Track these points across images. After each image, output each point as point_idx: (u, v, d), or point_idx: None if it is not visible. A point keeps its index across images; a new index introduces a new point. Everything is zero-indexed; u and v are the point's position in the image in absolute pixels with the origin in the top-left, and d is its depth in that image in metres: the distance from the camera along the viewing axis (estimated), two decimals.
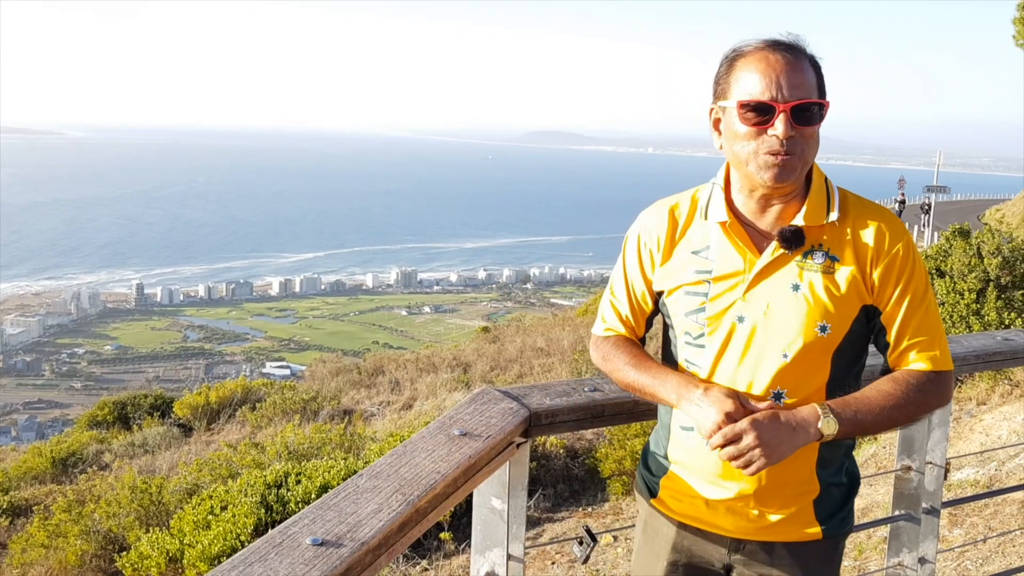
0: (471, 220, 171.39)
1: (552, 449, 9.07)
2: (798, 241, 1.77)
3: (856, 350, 1.83)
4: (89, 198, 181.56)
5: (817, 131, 1.75)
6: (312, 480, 7.22)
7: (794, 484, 1.83)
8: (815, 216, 1.78)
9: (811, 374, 1.77)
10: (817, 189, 1.80)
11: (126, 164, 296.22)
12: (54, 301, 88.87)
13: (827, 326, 1.75)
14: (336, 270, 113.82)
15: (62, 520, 8.32)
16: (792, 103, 1.69)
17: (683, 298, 1.85)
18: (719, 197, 1.83)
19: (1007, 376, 8.60)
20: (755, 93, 1.70)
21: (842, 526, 1.90)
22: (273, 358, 71.02)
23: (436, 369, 17.95)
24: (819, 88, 1.75)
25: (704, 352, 1.82)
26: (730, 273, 1.80)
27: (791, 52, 1.73)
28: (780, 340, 1.76)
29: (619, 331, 1.99)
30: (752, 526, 1.86)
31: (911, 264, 1.78)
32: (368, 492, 1.54)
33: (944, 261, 10.11)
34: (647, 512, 2.03)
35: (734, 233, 1.81)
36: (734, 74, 1.75)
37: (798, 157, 1.72)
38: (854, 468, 1.94)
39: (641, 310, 1.96)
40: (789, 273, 1.77)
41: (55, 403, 59.57)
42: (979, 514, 5.32)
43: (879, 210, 1.83)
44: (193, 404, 15.18)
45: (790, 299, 1.76)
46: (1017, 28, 28.98)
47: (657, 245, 1.90)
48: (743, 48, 1.76)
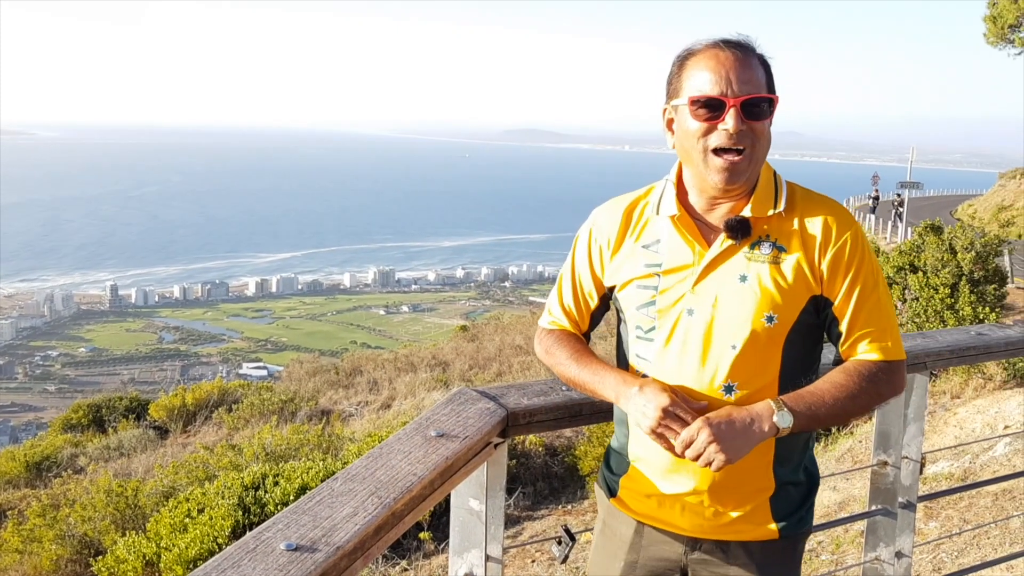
0: (449, 219, 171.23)
1: (531, 447, 9.07)
2: (744, 231, 1.78)
3: (808, 342, 1.83)
4: (62, 199, 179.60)
5: (767, 127, 1.77)
6: (290, 481, 7.18)
7: (750, 482, 1.83)
8: (762, 208, 1.79)
9: (761, 366, 1.77)
10: (765, 182, 1.82)
11: (99, 164, 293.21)
12: (27, 303, 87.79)
13: (774, 316, 1.75)
14: (314, 270, 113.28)
15: (36, 525, 8.22)
16: (742, 98, 1.71)
17: (634, 292, 1.86)
18: (671, 193, 1.85)
19: (980, 370, 8.70)
20: (705, 89, 1.73)
21: (800, 525, 1.89)
22: (250, 359, 70.55)
23: (415, 368, 17.92)
24: (768, 85, 1.77)
25: (653, 345, 1.83)
26: (680, 266, 1.81)
27: (740, 49, 1.76)
28: (728, 332, 1.76)
29: (563, 325, 2.00)
30: (708, 524, 1.86)
31: (859, 254, 1.79)
32: (343, 496, 1.52)
33: (918, 256, 10.20)
34: (606, 511, 2.03)
35: (683, 226, 1.82)
36: (685, 73, 1.78)
37: (747, 157, 1.74)
38: (813, 467, 1.94)
39: (587, 305, 1.97)
40: (737, 265, 1.78)
41: (28, 406, 58.82)
42: (954, 507, 5.37)
43: (826, 202, 1.84)
44: (169, 406, 15.05)
45: (738, 290, 1.77)
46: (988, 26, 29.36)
47: (608, 241, 1.91)
48: (694, 48, 1.79)
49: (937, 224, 10.73)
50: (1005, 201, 37.31)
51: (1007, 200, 37.29)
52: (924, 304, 9.58)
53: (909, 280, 9.75)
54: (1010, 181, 40.23)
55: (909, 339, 2.78)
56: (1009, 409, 7.35)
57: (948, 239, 10.04)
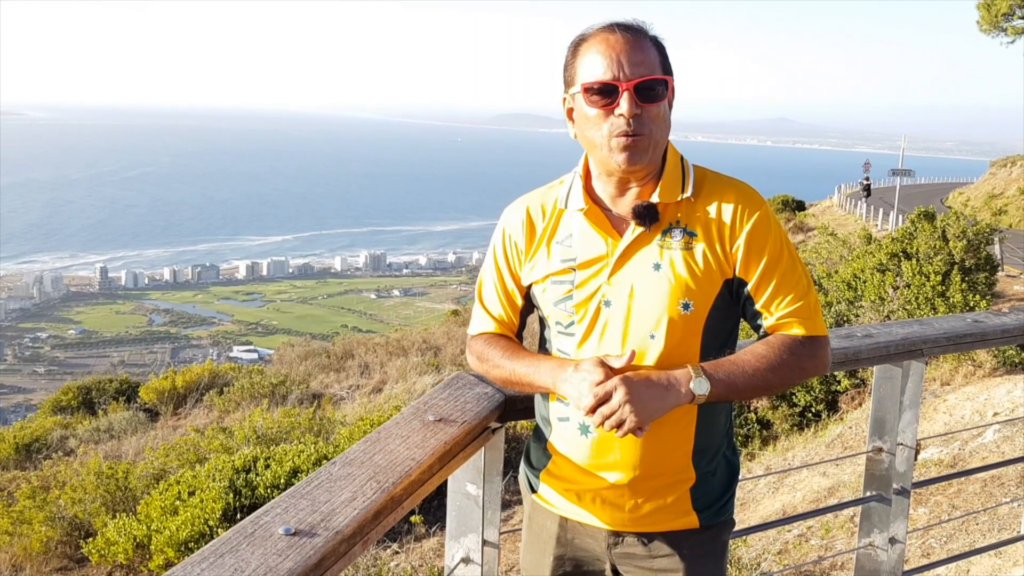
0: (441, 203, 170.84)
1: (523, 432, 9.08)
2: (652, 217, 1.77)
3: (726, 328, 1.83)
4: (53, 181, 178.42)
5: (664, 110, 1.75)
6: (281, 465, 7.17)
7: (669, 473, 1.82)
8: (669, 194, 1.78)
9: (681, 353, 1.75)
10: (672, 167, 1.81)
11: (87, 144, 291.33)
12: (16, 285, 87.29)
13: (689, 303, 1.75)
14: (304, 253, 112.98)
15: (26, 507, 8.19)
16: (635, 81, 1.69)
17: (551, 287, 1.85)
18: (578, 186, 1.84)
19: (970, 357, 8.74)
20: (598, 75, 1.71)
21: (720, 515, 1.89)
22: (240, 342, 70.35)
23: (406, 353, 17.90)
24: (664, 67, 1.75)
25: (574, 339, 1.82)
26: (594, 259, 1.80)
27: (631, 32, 1.73)
28: (646, 321, 1.75)
29: (492, 330, 1.97)
30: (628, 517, 1.85)
31: (770, 234, 1.78)
32: (342, 480, 1.51)
33: (910, 244, 10.23)
34: (530, 506, 2.02)
35: (593, 219, 1.81)
36: (578, 60, 1.76)
37: (647, 137, 1.72)
38: (734, 458, 1.93)
39: (512, 304, 1.95)
40: (650, 253, 1.77)
41: (18, 388, 58.59)
42: (943, 493, 5.40)
43: (735, 184, 1.83)
44: (159, 389, 15.01)
45: (652, 278, 1.76)
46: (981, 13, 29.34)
47: (522, 240, 1.90)
48: (585, 33, 1.77)
49: (930, 211, 10.76)
50: (996, 189, 37.42)
51: (998, 188, 37.41)
52: (916, 291, 9.61)
53: (903, 267, 9.78)
54: (1001, 169, 40.34)
55: (905, 326, 2.78)
56: (998, 396, 7.39)
57: (940, 227, 10.08)
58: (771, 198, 36.48)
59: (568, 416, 1.84)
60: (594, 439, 1.80)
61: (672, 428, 1.77)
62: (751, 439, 9.12)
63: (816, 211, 39.22)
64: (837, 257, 14.70)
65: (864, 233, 16.60)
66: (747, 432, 9.19)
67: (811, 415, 9.10)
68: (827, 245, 16.98)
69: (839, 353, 2.49)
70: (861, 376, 8.75)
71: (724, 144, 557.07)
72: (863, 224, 28.84)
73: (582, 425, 1.81)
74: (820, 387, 8.99)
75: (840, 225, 28.56)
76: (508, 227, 1.93)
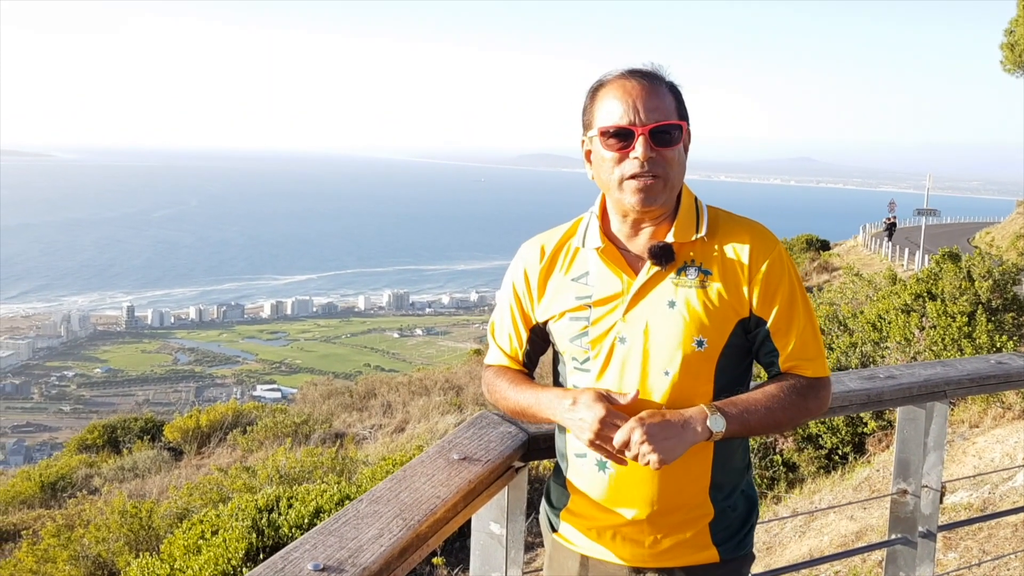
0: (464, 242, 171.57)
1: (545, 472, 9.04)
2: (667, 257, 1.81)
3: (740, 366, 1.86)
4: (80, 220, 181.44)
5: (680, 153, 1.80)
6: (305, 504, 7.17)
7: (688, 508, 1.84)
8: (684, 233, 1.83)
9: (695, 390, 1.79)
10: (686, 208, 1.85)
11: (115, 186, 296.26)
12: (44, 324, 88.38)
13: (704, 340, 1.78)
14: (328, 292, 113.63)
15: (51, 545, 8.23)
16: (650, 126, 1.75)
17: (567, 324, 1.88)
18: (595, 225, 1.89)
19: (999, 399, 8.62)
20: (614, 119, 1.77)
21: (740, 548, 1.90)
22: (264, 381, 70.67)
23: (428, 392, 17.89)
24: (679, 112, 1.81)
25: (589, 376, 1.85)
26: (609, 296, 1.84)
27: (647, 78, 1.80)
28: (661, 358, 1.78)
29: (503, 362, 2.01)
30: (648, 553, 1.86)
31: (785, 274, 1.82)
32: (369, 517, 1.54)
33: (935, 284, 10.15)
34: (551, 545, 2.03)
35: (609, 257, 1.86)
36: (596, 104, 1.83)
37: (661, 180, 1.78)
38: (751, 491, 1.95)
39: (523, 339, 1.98)
40: (665, 291, 1.81)
41: (44, 426, 59.07)
42: (973, 537, 5.31)
43: (749, 224, 1.87)
44: (183, 427, 15.08)
45: (667, 316, 1.79)
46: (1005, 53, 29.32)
47: (536, 276, 1.94)
48: (604, 79, 1.83)
49: (955, 252, 10.69)
50: (1023, 229, 37.05)
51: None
52: (942, 332, 9.51)
53: (928, 308, 9.70)
54: None
55: (928, 367, 2.77)
56: None
57: (966, 267, 9.99)
58: (795, 237, 36.34)
59: (585, 452, 1.86)
60: (611, 475, 1.83)
61: (689, 463, 1.79)
62: (777, 482, 9.00)
63: (841, 251, 38.99)
64: (863, 297, 14.60)
65: (889, 273, 16.49)
66: (773, 474, 9.07)
67: (838, 457, 8.98)
68: (852, 285, 16.87)
69: (862, 394, 2.49)
70: (888, 418, 8.65)
71: (748, 184, 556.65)
72: (888, 264, 28.63)
73: (600, 461, 1.83)
74: (846, 429, 8.88)
75: (865, 265, 28.38)
76: (524, 263, 1.97)
